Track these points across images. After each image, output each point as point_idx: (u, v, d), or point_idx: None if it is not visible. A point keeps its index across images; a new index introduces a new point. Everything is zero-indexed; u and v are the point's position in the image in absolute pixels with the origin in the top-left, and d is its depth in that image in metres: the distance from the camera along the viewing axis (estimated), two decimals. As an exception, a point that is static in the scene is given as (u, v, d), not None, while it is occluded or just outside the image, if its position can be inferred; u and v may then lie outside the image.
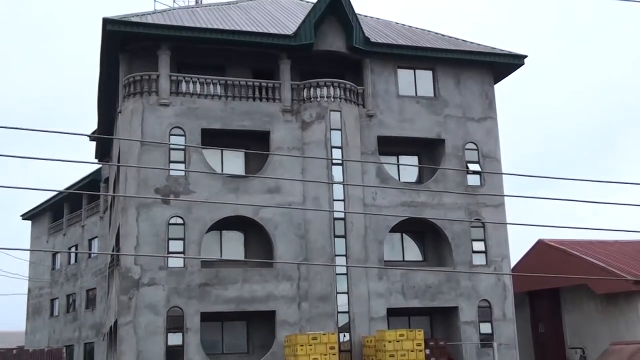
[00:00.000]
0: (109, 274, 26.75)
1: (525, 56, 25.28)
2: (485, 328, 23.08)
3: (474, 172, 23.97)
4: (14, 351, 23.09)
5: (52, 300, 41.17)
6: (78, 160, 11.67)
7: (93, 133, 26.23)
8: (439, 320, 23.75)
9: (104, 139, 29.07)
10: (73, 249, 39.32)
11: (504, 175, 24.54)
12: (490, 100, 25.05)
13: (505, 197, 24.26)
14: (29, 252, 43.10)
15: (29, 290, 43.69)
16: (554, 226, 13.42)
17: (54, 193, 41.22)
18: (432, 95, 24.50)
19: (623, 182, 13.51)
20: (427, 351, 20.50)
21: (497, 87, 25.98)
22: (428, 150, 24.74)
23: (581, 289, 26.30)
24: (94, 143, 32.81)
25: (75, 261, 39.56)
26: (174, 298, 20.49)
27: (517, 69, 25.65)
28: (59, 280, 40.47)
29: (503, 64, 25.29)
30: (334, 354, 19.27)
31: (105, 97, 26.07)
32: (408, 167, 24.53)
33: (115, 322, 21.53)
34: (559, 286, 27.22)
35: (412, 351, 19.70)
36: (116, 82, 23.56)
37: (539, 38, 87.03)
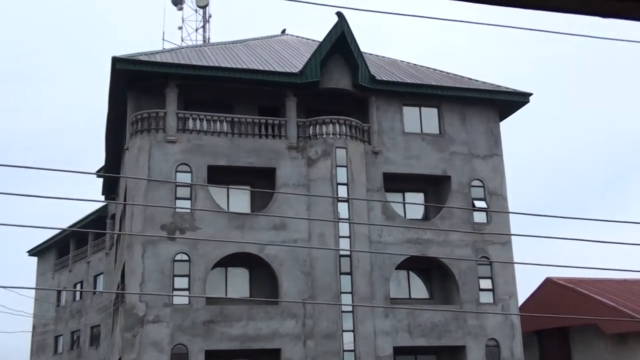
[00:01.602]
0: (114, 311, 26.60)
1: (530, 94, 25.41)
2: (494, 368, 22.73)
3: (480, 210, 23.90)
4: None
5: (57, 337, 40.88)
6: (84, 199, 11.73)
7: (100, 169, 26.38)
8: (446, 360, 23.43)
9: (110, 176, 29.20)
10: (78, 286, 39.18)
11: (510, 213, 24.43)
12: (496, 137, 25.10)
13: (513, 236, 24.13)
14: (34, 289, 42.95)
15: (34, 327, 43.43)
16: (561, 266, 13.31)
17: (60, 230, 41.26)
18: (437, 132, 24.59)
19: (630, 222, 13.42)
20: (434, 391, 20.17)
21: (504, 124, 26.09)
22: (434, 187, 24.72)
23: (591, 329, 25.93)
24: (100, 179, 32.96)
25: (80, 298, 39.38)
26: (178, 335, 20.32)
27: (522, 106, 25.75)
28: (63, 317, 40.25)
29: (508, 102, 25.41)
30: (339, 394, 18.99)
31: (112, 133, 26.27)
32: (414, 205, 24.49)
33: (119, 360, 21.34)
34: (568, 325, 26.86)
35: (419, 391, 19.40)
36: (124, 119, 23.77)
37: (549, 75, 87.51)
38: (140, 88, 22.87)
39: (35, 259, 45.41)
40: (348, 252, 21.96)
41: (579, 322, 25.23)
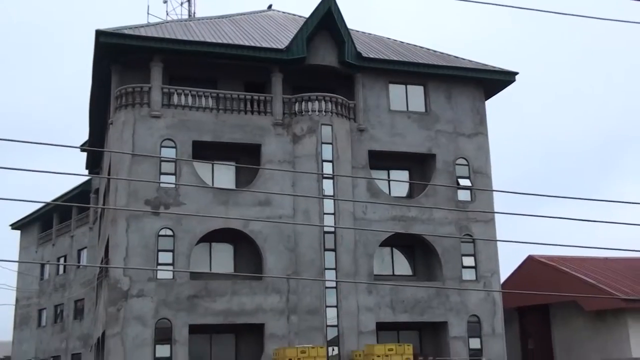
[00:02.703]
0: (98, 285, 26.62)
1: (516, 73, 25.48)
2: (475, 343, 23.07)
3: (464, 188, 24.05)
4: (0, 362, 22.88)
5: (40, 311, 40.87)
6: (67, 173, 11.65)
7: (84, 144, 26.18)
8: (428, 335, 23.72)
9: (94, 150, 29.02)
10: (62, 260, 39.10)
11: (495, 192, 24.62)
12: (482, 116, 25.19)
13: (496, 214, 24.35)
14: (17, 262, 42.83)
15: (17, 300, 43.37)
16: (543, 243, 13.46)
17: (44, 204, 41.07)
18: (423, 110, 24.62)
19: (611, 201, 13.59)
20: (416, 366, 20.46)
21: (490, 103, 26.15)
22: (419, 165, 24.82)
23: (571, 306, 26.34)
24: (84, 154, 32.75)
25: (64, 272, 39.31)
26: (162, 310, 20.40)
27: (508, 85, 25.83)
28: (47, 291, 40.20)
29: (494, 81, 25.47)
30: (322, 368, 19.21)
31: (96, 108, 26.07)
32: (399, 182, 24.59)
33: (103, 334, 21.41)
34: (548, 302, 27.26)
35: (401, 366, 19.66)
36: (108, 93, 23.58)
37: (535, 53, 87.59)
38: (125, 62, 22.66)
39: (18, 232, 45.20)
40: (332, 229, 22.07)
41: (559, 299, 25.62)
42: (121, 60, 22.58)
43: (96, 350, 25.80)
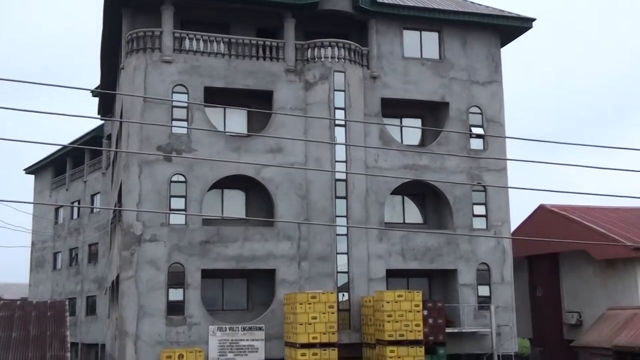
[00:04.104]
0: (111, 230, 26.95)
1: (534, 19, 24.97)
2: (484, 291, 23.30)
3: (477, 136, 23.90)
4: (18, 302, 23.38)
5: (55, 254, 41.54)
6: (80, 115, 11.63)
7: (96, 89, 26.11)
8: (438, 282, 23.96)
9: (106, 95, 28.96)
10: (76, 204, 39.51)
11: (507, 140, 24.48)
12: (497, 63, 24.82)
13: (508, 163, 24.26)
14: (32, 205, 43.32)
15: (32, 243, 44.05)
16: (553, 190, 13.42)
17: (57, 148, 41.27)
18: (437, 57, 24.28)
19: (623, 148, 13.46)
20: (425, 312, 20.73)
21: (505, 50, 25.73)
22: (432, 114, 24.62)
23: (580, 255, 26.45)
24: (96, 99, 32.70)
25: (78, 216, 39.77)
26: (175, 254, 20.68)
27: (524, 32, 25.35)
28: (61, 235, 40.77)
29: (510, 27, 24.99)
30: (332, 313, 19.50)
31: (108, 52, 25.89)
32: (411, 130, 24.46)
33: (117, 277, 21.78)
34: (558, 251, 27.37)
35: (410, 312, 19.92)
36: (119, 38, 23.37)
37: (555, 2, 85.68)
38: (136, 6, 22.37)
39: (32, 177, 45.58)
40: (344, 177, 22.08)
41: (568, 247, 25.71)
42: (132, 3, 22.29)
43: (111, 292, 26.30)
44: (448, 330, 21.83)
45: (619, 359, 21.02)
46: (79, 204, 39.10)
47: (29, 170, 45.38)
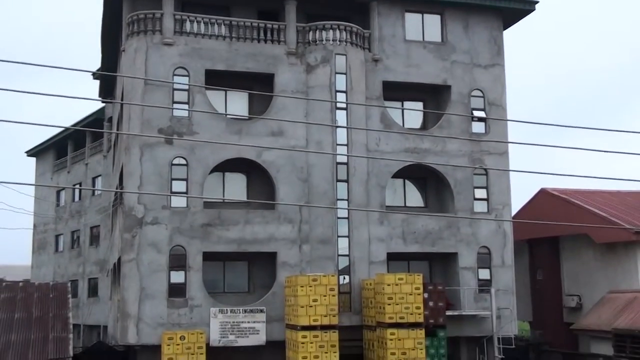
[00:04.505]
0: (113, 212, 27.00)
1: (537, 1, 24.81)
2: (484, 274, 23.37)
3: (479, 119, 23.85)
4: (20, 284, 23.51)
5: (57, 236, 41.67)
6: (81, 97, 11.62)
7: (97, 72, 26.06)
8: (438, 266, 24.03)
9: (107, 78, 28.88)
10: (77, 187, 39.57)
11: (509, 125, 24.44)
12: (499, 46, 24.70)
13: (510, 147, 24.24)
14: (33, 188, 43.39)
15: (34, 225, 44.17)
16: (553, 174, 13.41)
17: (59, 131, 41.25)
18: (439, 40, 24.16)
19: (625, 131, 13.43)
20: (426, 295, 20.82)
21: (507, 33, 25.59)
22: (433, 97, 24.56)
23: (581, 238, 26.50)
24: (97, 82, 32.61)
25: (80, 199, 39.84)
26: (176, 237, 20.74)
27: (527, 14, 25.21)
28: (63, 217, 40.87)
29: (513, 9, 24.82)
30: (333, 296, 19.58)
31: (108, 35, 25.78)
32: (412, 114, 24.40)
33: (119, 259, 21.87)
34: (558, 235, 27.43)
35: (411, 295, 20.00)
36: (120, 20, 23.26)
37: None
38: (136, -13, 22.25)
39: (33, 159, 45.61)
40: (345, 160, 22.08)
41: (569, 231, 25.76)
42: (132, -15, 22.17)
43: (112, 275, 26.41)
44: (448, 313, 21.94)
45: (619, 341, 21.12)
46: (80, 186, 39.16)
47: (31, 153, 45.40)
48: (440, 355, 21.37)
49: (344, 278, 21.74)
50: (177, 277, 20.71)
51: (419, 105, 24.63)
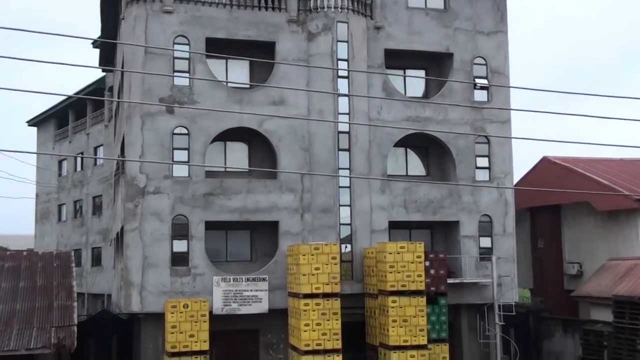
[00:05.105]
0: (115, 182, 27.04)
1: (540, -32, 24.47)
2: (485, 242, 23.46)
3: (481, 87, 23.70)
4: (24, 253, 23.67)
5: (60, 206, 41.84)
6: (81, 65, 11.57)
7: (96, 40, 25.86)
8: (440, 234, 24.11)
9: (107, 47, 28.66)
10: (79, 157, 39.60)
11: (512, 93, 24.29)
12: (502, 13, 24.43)
13: (512, 116, 24.14)
14: (35, 157, 43.43)
15: (37, 195, 44.33)
16: (555, 140, 13.39)
17: (59, 100, 41.14)
18: (442, 7, 23.89)
19: (628, 97, 13.35)
20: (427, 263, 20.94)
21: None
22: (436, 65, 24.38)
23: (582, 206, 26.55)
24: (97, 51, 32.38)
25: (82, 168, 39.91)
26: (178, 206, 20.80)
27: (530, -19, 24.87)
28: (65, 187, 40.97)
29: (516, -24, 24.48)
30: (335, 264, 19.69)
31: (108, 2, 25.50)
32: (414, 83, 24.26)
33: (122, 229, 21.96)
34: (560, 203, 27.47)
35: (412, 263, 20.11)
36: (119, -13, 23.01)
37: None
38: (135, -46, 21.94)
39: (34, 129, 45.58)
40: (347, 129, 22.02)
41: (571, 199, 25.80)
42: (131, -48, 21.86)
43: (116, 244, 26.55)
44: (449, 280, 22.09)
45: (619, 308, 21.29)
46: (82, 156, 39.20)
47: (32, 123, 45.35)
48: (441, 322, 21.59)
49: (346, 247, 21.85)
50: (180, 246, 20.81)
51: (421, 73, 24.46)
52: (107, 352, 26.48)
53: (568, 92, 13.59)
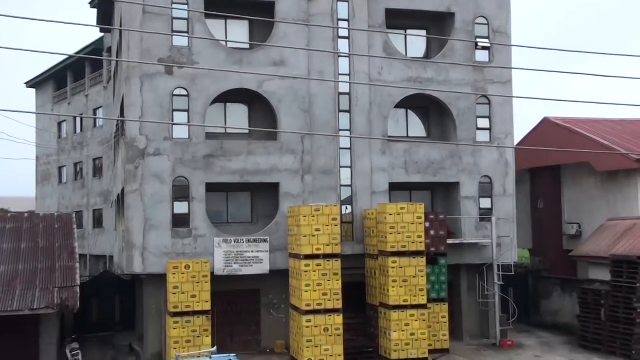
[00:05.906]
0: (115, 144, 27.01)
1: None
2: (485, 203, 23.54)
3: (482, 47, 23.49)
4: (26, 215, 23.75)
5: (60, 168, 41.85)
6: (79, 23, 11.47)
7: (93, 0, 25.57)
8: (440, 195, 24.18)
9: (105, 7, 28.30)
10: (78, 119, 39.46)
11: (513, 53, 24.07)
12: (504, -29, 24.07)
13: (514, 77, 23.98)
14: (34, 119, 43.28)
15: (37, 157, 44.31)
16: (556, 99, 13.33)
17: (59, 60, 40.81)
18: (443, -35, 23.54)
19: (630, 55, 13.25)
20: (427, 224, 21.04)
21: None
22: (437, 25, 24.12)
23: (582, 167, 26.56)
24: (94, 12, 32.00)
25: (81, 130, 39.81)
26: (179, 168, 20.81)
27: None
28: (65, 149, 40.93)
29: None
30: (336, 225, 19.77)
31: (104, -39, 25.15)
32: (415, 43, 24.03)
33: (123, 190, 22.01)
34: (560, 163, 27.48)
35: (412, 224, 20.21)
36: (115, -55, 22.64)
37: None
38: None
39: (33, 91, 45.32)
40: (347, 90, 21.90)
41: (571, 159, 25.80)
42: None
43: (117, 206, 26.65)
44: (449, 241, 22.24)
45: (616, 267, 21.47)
46: (81, 118, 39.04)
47: (30, 84, 45.05)
48: (441, 282, 21.81)
49: (347, 208, 21.94)
50: (181, 207, 20.88)
51: (423, 33, 24.23)
52: (109, 312, 26.80)
53: (569, 51, 13.48)
